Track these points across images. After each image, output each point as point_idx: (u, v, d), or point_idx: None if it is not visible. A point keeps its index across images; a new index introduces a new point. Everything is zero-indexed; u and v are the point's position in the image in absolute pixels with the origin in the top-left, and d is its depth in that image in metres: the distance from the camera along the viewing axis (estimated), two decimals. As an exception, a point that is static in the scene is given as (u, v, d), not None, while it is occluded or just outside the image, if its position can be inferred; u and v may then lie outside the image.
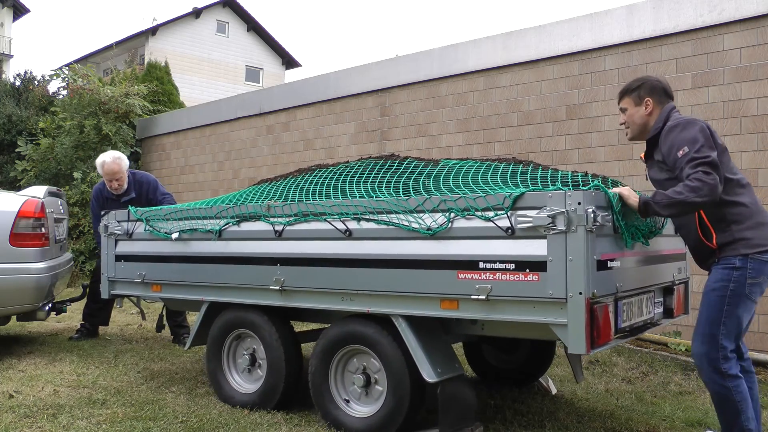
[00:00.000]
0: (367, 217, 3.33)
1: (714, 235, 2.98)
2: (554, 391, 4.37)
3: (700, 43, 5.36)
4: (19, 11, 35.55)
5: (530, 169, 3.46)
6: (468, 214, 3.02)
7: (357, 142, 7.99)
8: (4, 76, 16.24)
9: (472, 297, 2.99)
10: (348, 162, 4.27)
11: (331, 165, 4.30)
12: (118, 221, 4.70)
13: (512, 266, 2.89)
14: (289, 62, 36.11)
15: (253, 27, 34.55)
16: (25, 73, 13.94)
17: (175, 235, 4.22)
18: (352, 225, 3.39)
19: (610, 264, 2.91)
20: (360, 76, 8.02)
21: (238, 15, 34.09)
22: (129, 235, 4.61)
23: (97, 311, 6.01)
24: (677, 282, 3.73)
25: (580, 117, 6.04)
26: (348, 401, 3.52)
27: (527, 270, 2.85)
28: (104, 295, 4.84)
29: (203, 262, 4.09)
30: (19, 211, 4.96)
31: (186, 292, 4.25)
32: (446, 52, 7.09)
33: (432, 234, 3.11)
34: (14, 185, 10.86)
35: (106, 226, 4.77)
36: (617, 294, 2.97)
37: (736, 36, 5.16)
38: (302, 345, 4.05)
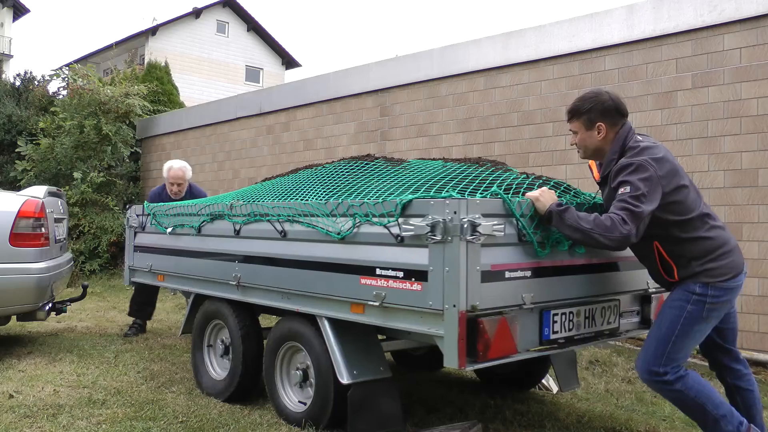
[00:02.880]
0: (297, 219, 3.44)
1: (675, 270, 2.90)
2: (555, 390, 4.37)
3: (700, 43, 5.36)
4: (19, 11, 35.54)
5: (480, 170, 3.34)
6: (368, 220, 3.03)
7: (357, 142, 7.99)
8: (4, 76, 16.22)
9: (369, 302, 2.99)
10: (333, 162, 4.36)
11: (315, 166, 4.42)
12: (137, 215, 5.08)
13: (401, 274, 2.86)
14: (289, 62, 36.10)
15: (253, 27, 34.54)
16: (25, 73, 13.89)
17: (169, 230, 4.56)
18: (287, 226, 3.52)
19: (509, 274, 2.78)
20: (360, 76, 8.02)
21: (238, 15, 34.08)
22: (143, 228, 5.00)
23: (144, 306, 6.30)
24: (654, 290, 3.51)
25: (580, 117, 6.02)
26: (290, 395, 3.66)
27: (413, 279, 2.80)
28: (125, 282, 5.27)
29: (189, 255, 4.38)
30: (19, 211, 4.96)
31: (179, 283, 4.57)
32: (446, 52, 7.09)
33: (341, 238, 3.16)
34: (14, 185, 10.84)
35: (128, 219, 5.16)
36: (526, 305, 2.82)
37: (736, 36, 5.16)
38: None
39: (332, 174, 3.94)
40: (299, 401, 3.61)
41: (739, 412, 3.08)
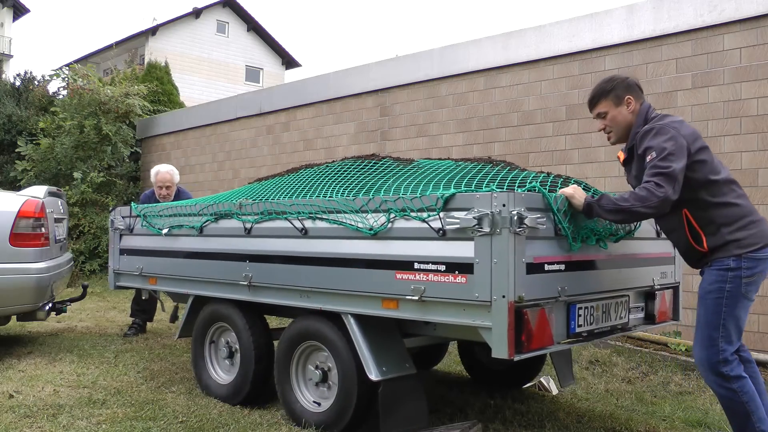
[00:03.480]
0: (320, 216, 3.40)
1: (704, 239, 2.90)
2: (555, 391, 4.37)
3: (700, 43, 5.35)
4: (19, 11, 35.54)
5: (497, 169, 3.37)
6: (405, 215, 3.02)
7: (357, 142, 7.99)
8: (4, 76, 16.22)
9: (407, 297, 2.98)
10: (334, 161, 4.34)
11: (314, 165, 4.39)
12: (123, 217, 4.92)
13: (443, 267, 2.86)
14: (289, 62, 36.10)
15: (253, 27, 34.54)
16: (25, 73, 13.88)
17: (165, 231, 4.44)
18: (308, 224, 3.47)
19: (548, 267, 2.85)
20: (360, 76, 8.02)
21: (238, 15, 34.08)
22: (130, 230, 4.85)
23: (146, 305, 6.31)
24: (659, 287, 3.58)
25: (580, 117, 6.03)
26: (307, 396, 3.60)
27: (456, 272, 2.82)
28: (111, 287, 5.11)
29: (188, 257, 4.28)
30: (19, 211, 4.96)
31: (175, 286, 4.46)
32: (446, 52, 7.09)
33: (373, 234, 3.14)
34: (14, 185, 10.84)
35: (113, 221, 5.00)
36: (561, 298, 2.89)
37: (736, 36, 5.16)
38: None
39: (342, 172, 3.88)
40: (315, 401, 3.55)
41: None
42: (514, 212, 2.65)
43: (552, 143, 6.22)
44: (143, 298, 5.66)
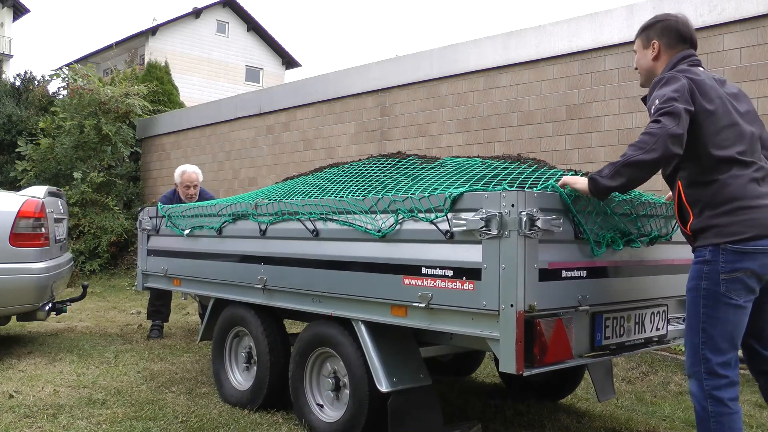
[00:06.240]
0: (330, 217, 3.27)
1: (690, 219, 2.50)
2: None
3: (700, 43, 5.31)
4: (19, 11, 35.55)
5: (524, 167, 3.20)
6: (413, 216, 2.85)
7: (357, 142, 7.99)
8: (4, 76, 16.23)
9: (414, 304, 2.81)
10: (360, 160, 4.24)
11: (340, 164, 4.31)
12: (150, 218, 4.89)
13: (450, 273, 2.67)
14: (289, 62, 36.11)
15: (253, 27, 34.55)
16: (25, 73, 13.90)
17: (186, 232, 4.38)
18: (319, 225, 3.34)
19: (566, 273, 2.62)
20: (360, 76, 8.02)
21: (238, 15, 34.09)
22: (157, 231, 4.81)
23: (161, 307, 6.27)
24: None
25: (580, 117, 6.04)
26: (320, 404, 3.46)
27: (464, 278, 2.61)
28: (139, 288, 5.07)
29: (208, 258, 4.19)
30: (19, 211, 4.96)
31: (197, 287, 4.37)
32: (446, 52, 7.09)
33: (382, 236, 2.97)
34: (14, 185, 10.85)
35: (141, 222, 4.96)
36: (582, 307, 2.67)
37: (736, 36, 5.16)
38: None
39: (364, 172, 3.76)
40: (330, 410, 3.40)
41: None
42: (524, 213, 2.42)
43: (552, 143, 6.22)
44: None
